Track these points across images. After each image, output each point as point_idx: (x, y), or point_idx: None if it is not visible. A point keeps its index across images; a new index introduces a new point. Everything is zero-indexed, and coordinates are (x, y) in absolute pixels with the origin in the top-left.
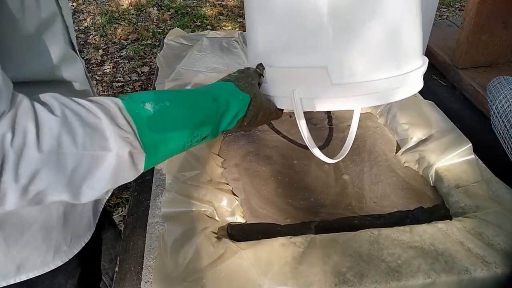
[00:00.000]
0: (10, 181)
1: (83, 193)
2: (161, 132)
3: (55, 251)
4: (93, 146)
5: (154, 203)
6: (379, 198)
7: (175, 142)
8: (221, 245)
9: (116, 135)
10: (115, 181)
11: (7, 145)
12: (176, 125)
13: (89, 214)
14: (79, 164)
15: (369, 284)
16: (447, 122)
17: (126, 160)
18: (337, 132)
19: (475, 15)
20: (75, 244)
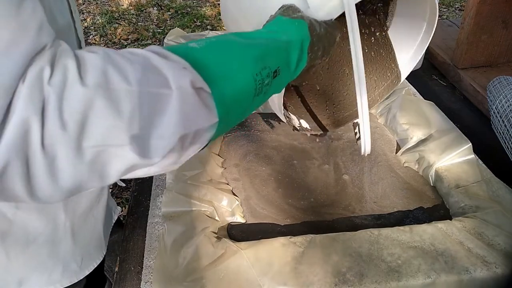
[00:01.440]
0: (55, 130)
1: (152, 146)
2: (218, 63)
3: (64, 269)
4: (149, 82)
5: (154, 203)
6: (379, 198)
7: (239, 73)
8: (221, 245)
9: (171, 68)
10: (186, 124)
11: (45, 82)
12: (232, 54)
13: (99, 232)
14: (137, 104)
15: (369, 284)
16: (447, 122)
17: (191, 94)
18: (335, 140)
19: (475, 15)
20: (86, 264)
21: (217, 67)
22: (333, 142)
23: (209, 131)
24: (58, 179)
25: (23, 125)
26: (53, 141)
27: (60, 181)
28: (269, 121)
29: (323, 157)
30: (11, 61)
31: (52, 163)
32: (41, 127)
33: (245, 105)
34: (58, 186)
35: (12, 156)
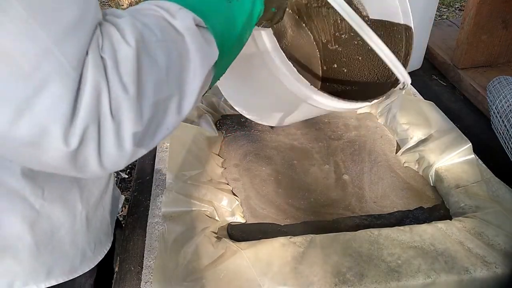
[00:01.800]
0: (119, 93)
1: (189, 90)
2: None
3: (82, 257)
4: (166, 32)
5: (154, 203)
6: (379, 198)
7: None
8: (221, 245)
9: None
10: (205, 63)
11: (100, 49)
12: None
13: (107, 220)
14: (169, 54)
15: (369, 284)
16: (447, 122)
17: (196, 32)
18: (335, 140)
19: (475, 15)
20: (98, 251)
21: (201, 4)
22: (333, 142)
23: (213, 69)
24: (124, 143)
25: (96, 89)
26: (118, 104)
27: (125, 144)
28: None
29: (323, 157)
30: (83, 33)
31: (119, 126)
32: (108, 92)
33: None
34: (124, 150)
35: (90, 120)
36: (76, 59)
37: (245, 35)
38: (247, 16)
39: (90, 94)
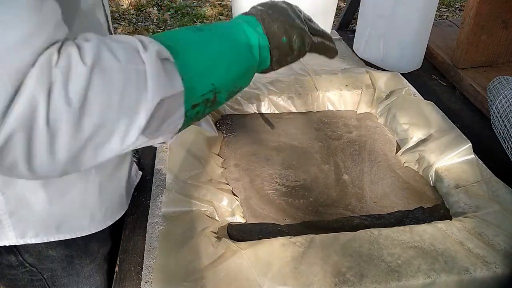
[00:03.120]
0: (61, 106)
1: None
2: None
3: (91, 218)
4: (130, 60)
5: (154, 203)
6: (379, 198)
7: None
8: (221, 245)
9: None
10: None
11: (53, 66)
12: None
13: (122, 191)
14: (127, 81)
15: (369, 284)
16: (447, 122)
17: (158, 63)
18: (335, 140)
19: (475, 15)
20: (109, 215)
21: (171, 39)
22: (333, 142)
23: (180, 103)
24: (56, 154)
25: (31, 101)
26: (57, 117)
27: (58, 155)
28: (269, 121)
29: (323, 157)
30: (28, 51)
31: (54, 137)
32: (47, 104)
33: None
34: (56, 161)
35: (18, 127)
36: (15, 73)
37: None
38: (235, 45)
39: (23, 105)
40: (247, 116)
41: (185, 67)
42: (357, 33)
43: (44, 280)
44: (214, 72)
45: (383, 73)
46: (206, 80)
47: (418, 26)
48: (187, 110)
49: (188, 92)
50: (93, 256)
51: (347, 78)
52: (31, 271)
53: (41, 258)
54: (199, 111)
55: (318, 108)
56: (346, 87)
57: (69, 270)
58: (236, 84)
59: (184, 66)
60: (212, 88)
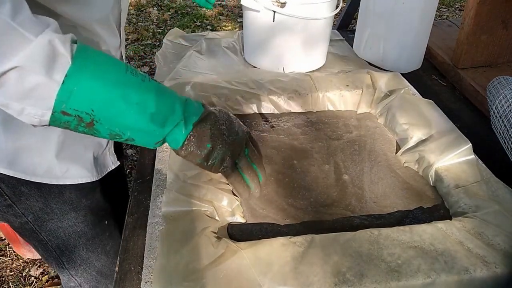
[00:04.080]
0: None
1: None
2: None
3: (47, 170)
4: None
5: (154, 203)
6: (379, 198)
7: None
8: (221, 245)
9: None
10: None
11: None
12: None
13: (89, 160)
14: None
15: (369, 284)
16: (447, 122)
17: (55, 41)
18: (335, 140)
19: (475, 15)
20: (69, 175)
21: (94, 59)
22: (333, 142)
23: (51, 93)
24: None
25: None
26: None
27: None
28: (269, 121)
29: (323, 157)
30: None
31: None
32: None
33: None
34: None
35: None
36: None
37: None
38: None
39: None
40: (247, 116)
41: (77, 73)
42: (357, 33)
43: (31, 223)
44: (99, 103)
45: (383, 73)
46: (86, 100)
47: (418, 26)
48: (56, 110)
49: (63, 93)
50: (73, 205)
51: (347, 78)
52: (14, 211)
53: (16, 192)
54: (70, 123)
55: (318, 108)
56: (347, 87)
57: (50, 214)
58: (124, 131)
59: (78, 71)
60: (89, 112)
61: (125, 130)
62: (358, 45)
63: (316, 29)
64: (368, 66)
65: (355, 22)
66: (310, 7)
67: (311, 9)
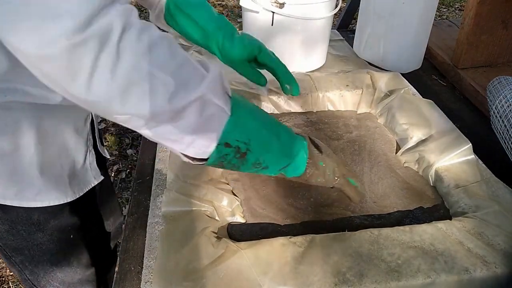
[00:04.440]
0: (132, 40)
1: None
2: None
3: (17, 193)
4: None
5: (154, 203)
6: (379, 198)
7: None
8: (221, 245)
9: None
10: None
11: (134, 13)
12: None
13: (64, 181)
14: (189, 60)
15: (369, 284)
16: (447, 122)
17: (221, 78)
18: (335, 140)
19: (475, 16)
20: (41, 197)
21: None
22: (333, 142)
23: (221, 122)
24: (115, 75)
25: (110, 24)
26: (126, 45)
27: (116, 78)
28: None
29: None
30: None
31: (118, 60)
32: (121, 33)
33: None
34: (113, 82)
35: (95, 35)
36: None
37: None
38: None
39: (102, 22)
40: None
41: (238, 103)
42: (357, 33)
43: (1, 247)
44: (254, 133)
45: (383, 73)
46: (245, 131)
47: (418, 26)
48: (220, 142)
49: (230, 123)
50: (40, 226)
51: (347, 78)
52: None
53: None
54: (228, 155)
55: (318, 108)
56: (347, 87)
57: (15, 235)
58: (265, 158)
59: (237, 101)
60: (247, 141)
61: (266, 158)
62: (358, 45)
63: (316, 29)
64: (368, 66)
65: (355, 22)
66: (309, 7)
67: (310, 9)
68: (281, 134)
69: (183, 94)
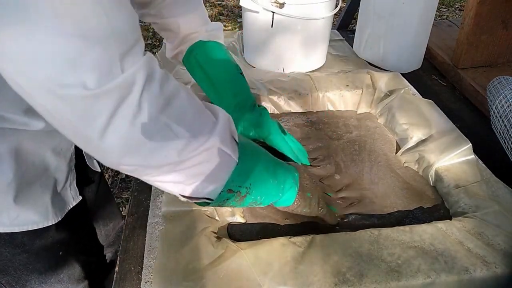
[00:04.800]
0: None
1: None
2: None
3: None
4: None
5: (154, 203)
6: (379, 198)
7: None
8: (221, 245)
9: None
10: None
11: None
12: None
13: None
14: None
15: (369, 284)
16: (447, 122)
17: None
18: (336, 140)
19: (475, 16)
20: (19, 222)
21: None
22: (333, 142)
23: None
24: (135, 128)
25: (134, 76)
26: (146, 99)
27: (136, 131)
28: None
29: (323, 157)
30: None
31: (139, 112)
32: (143, 84)
33: None
34: (130, 134)
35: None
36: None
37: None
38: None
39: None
40: None
41: (243, 148)
42: (357, 33)
43: None
44: (256, 177)
45: (383, 73)
46: (248, 177)
47: (418, 26)
48: (224, 189)
49: (236, 170)
50: (25, 247)
51: (347, 78)
52: None
53: None
54: (228, 199)
55: (318, 108)
56: (347, 87)
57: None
58: (262, 198)
59: (243, 146)
60: (248, 186)
61: (262, 196)
62: (358, 45)
63: (316, 29)
64: (368, 66)
65: (355, 22)
66: (309, 7)
67: (310, 9)
68: (277, 172)
69: (194, 145)
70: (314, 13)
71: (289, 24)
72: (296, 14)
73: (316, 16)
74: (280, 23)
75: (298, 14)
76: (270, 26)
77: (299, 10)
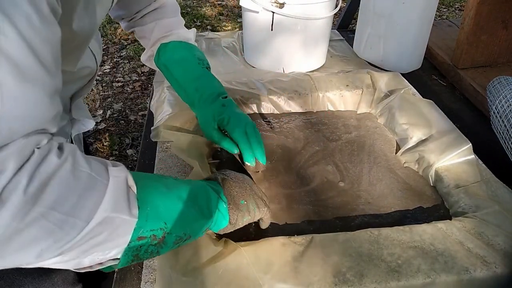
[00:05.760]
0: (21, 184)
1: (85, 222)
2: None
3: None
4: (101, 172)
5: None
6: (379, 198)
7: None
8: (221, 243)
9: (115, 165)
10: (113, 207)
11: (35, 149)
12: None
13: None
14: (89, 187)
15: (369, 284)
16: (447, 122)
17: (122, 186)
18: (335, 140)
19: (475, 15)
20: None
21: (144, 182)
22: (333, 142)
23: (128, 230)
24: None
25: (2, 163)
26: (12, 190)
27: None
28: (269, 121)
29: (324, 157)
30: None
31: (2, 205)
32: (11, 177)
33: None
34: None
35: None
36: (7, 135)
37: (194, 218)
38: (195, 200)
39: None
40: None
41: (146, 196)
42: (357, 33)
43: None
44: (169, 214)
45: (383, 73)
46: (159, 218)
47: (418, 26)
48: (132, 240)
49: (140, 221)
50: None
51: (347, 78)
52: None
53: None
54: (143, 246)
55: (318, 108)
56: (347, 87)
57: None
58: (186, 231)
59: (146, 194)
60: (163, 226)
61: (187, 230)
62: (358, 45)
63: (316, 29)
64: (368, 66)
65: (355, 22)
66: (309, 7)
67: (310, 9)
68: (197, 197)
69: (80, 226)
70: (314, 13)
71: (289, 24)
72: (296, 14)
73: (316, 16)
74: (280, 23)
75: (298, 14)
76: (270, 27)
77: (299, 10)
